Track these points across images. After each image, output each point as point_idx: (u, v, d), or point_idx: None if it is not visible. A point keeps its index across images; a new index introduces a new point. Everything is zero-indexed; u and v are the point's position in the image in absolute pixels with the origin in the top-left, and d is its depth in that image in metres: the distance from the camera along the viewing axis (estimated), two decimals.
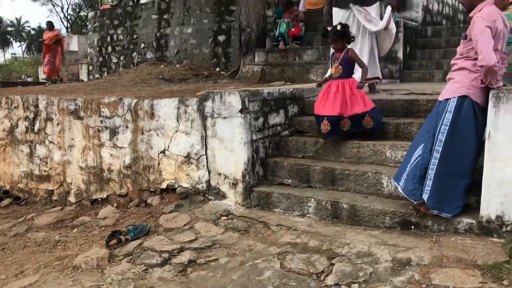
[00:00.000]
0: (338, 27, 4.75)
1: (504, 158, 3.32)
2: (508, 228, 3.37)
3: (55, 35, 13.38)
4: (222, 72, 10.79)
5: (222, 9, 11.35)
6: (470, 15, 3.46)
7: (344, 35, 4.73)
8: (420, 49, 8.43)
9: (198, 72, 10.59)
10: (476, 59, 3.37)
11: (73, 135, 5.91)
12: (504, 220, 3.38)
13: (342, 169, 4.37)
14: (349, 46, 4.80)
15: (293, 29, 8.57)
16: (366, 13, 5.87)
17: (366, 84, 5.41)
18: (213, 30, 11.53)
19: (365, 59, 5.71)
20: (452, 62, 3.63)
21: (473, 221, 3.51)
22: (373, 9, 5.96)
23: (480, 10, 3.38)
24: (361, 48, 5.88)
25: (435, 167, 3.48)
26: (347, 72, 4.69)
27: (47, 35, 13.23)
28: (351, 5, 5.91)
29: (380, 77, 6.19)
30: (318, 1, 9.36)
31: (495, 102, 3.33)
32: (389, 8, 5.92)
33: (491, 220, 3.43)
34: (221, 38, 11.44)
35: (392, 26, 5.98)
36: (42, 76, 16.12)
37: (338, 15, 5.98)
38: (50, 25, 13.63)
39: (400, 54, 7.75)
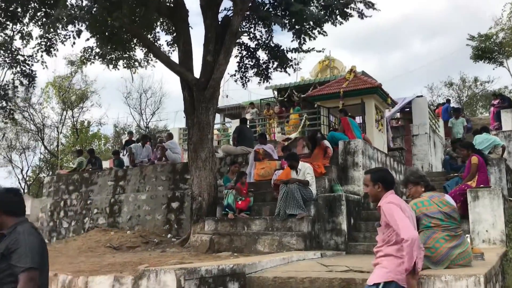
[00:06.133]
0: None
1: None
2: None
3: None
4: (173, 239, 10.70)
5: (177, 177, 11.73)
6: (378, 204, 3.77)
7: None
8: (364, 221, 8.75)
9: (148, 239, 10.47)
10: (398, 242, 3.55)
11: None
12: None
13: None
14: None
15: (240, 202, 8.82)
16: None
17: None
18: (167, 197, 11.75)
19: None
20: (375, 250, 3.79)
21: None
22: None
23: (386, 198, 3.73)
24: None
25: None
26: None
27: None
28: None
29: None
30: (266, 173, 9.87)
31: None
32: None
33: None
34: (174, 204, 11.60)
35: None
36: None
37: None
38: None
39: (344, 226, 8.01)
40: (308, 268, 5.82)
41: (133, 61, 12.62)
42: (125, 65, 12.61)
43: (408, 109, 17.30)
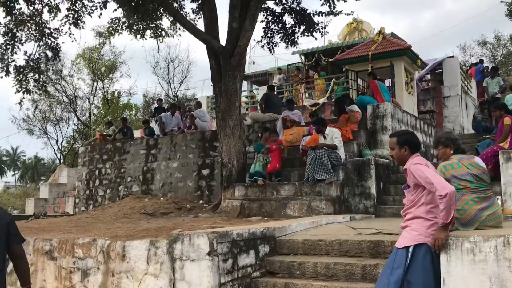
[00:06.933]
0: None
1: None
2: None
3: None
4: (205, 205, 10.95)
5: (207, 145, 11.91)
6: (404, 167, 3.76)
7: None
8: (393, 184, 8.75)
9: (181, 206, 10.74)
10: (427, 203, 3.58)
11: (45, 276, 5.86)
12: None
13: None
14: None
15: (268, 165, 8.94)
16: None
17: None
18: (198, 164, 11.97)
19: None
20: (402, 213, 3.80)
21: None
22: None
23: (412, 160, 3.72)
24: None
25: None
26: None
27: None
28: None
29: None
30: (294, 139, 9.91)
31: (446, 248, 3.47)
32: None
33: None
34: (205, 172, 11.82)
35: None
36: (29, 208, 16.19)
37: None
38: None
39: (373, 190, 8.05)
40: (337, 231, 5.92)
41: (160, 30, 12.68)
42: (152, 35, 12.68)
43: (439, 70, 16.88)
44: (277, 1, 11.66)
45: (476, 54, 35.21)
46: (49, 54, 11.74)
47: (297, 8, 11.69)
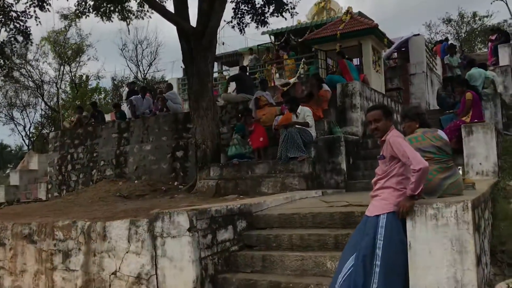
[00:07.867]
0: None
1: (424, 266, 3.65)
2: None
3: None
4: (180, 186, 11.06)
5: (180, 127, 11.97)
6: (382, 138, 3.96)
7: None
8: (362, 160, 9.08)
9: (156, 188, 10.83)
10: (399, 175, 3.82)
11: (25, 259, 5.93)
12: None
13: (287, 282, 4.58)
14: None
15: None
16: None
17: None
18: (172, 146, 12.03)
19: None
20: (373, 181, 4.04)
21: None
22: None
23: (392, 132, 3.93)
24: None
25: (377, 280, 3.70)
26: None
27: None
28: None
29: None
30: (267, 119, 10.08)
31: (411, 215, 3.74)
32: None
33: None
34: (179, 153, 11.91)
35: None
36: None
37: None
38: None
39: (343, 166, 8.35)
40: (310, 205, 6.19)
41: (127, 12, 12.55)
42: (120, 17, 12.54)
43: (404, 49, 17.27)
44: None
45: (442, 32, 36.02)
46: (19, 38, 11.49)
47: None
